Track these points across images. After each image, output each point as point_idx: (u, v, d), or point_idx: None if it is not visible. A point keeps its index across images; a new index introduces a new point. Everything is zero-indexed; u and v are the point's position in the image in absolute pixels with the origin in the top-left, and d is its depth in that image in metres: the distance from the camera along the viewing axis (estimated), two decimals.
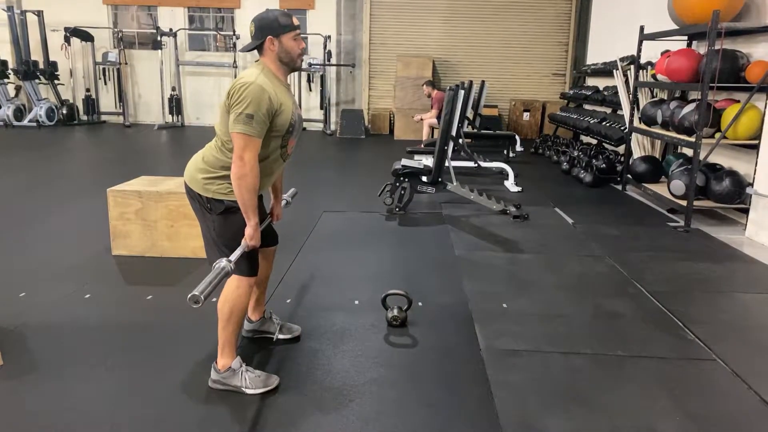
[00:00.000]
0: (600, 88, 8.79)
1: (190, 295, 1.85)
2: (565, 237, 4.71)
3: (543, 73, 11.60)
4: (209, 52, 12.09)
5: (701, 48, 5.79)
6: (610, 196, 6.42)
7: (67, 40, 11.25)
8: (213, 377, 2.35)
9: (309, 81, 11.67)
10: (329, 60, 11.29)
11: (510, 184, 6.56)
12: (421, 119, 8.95)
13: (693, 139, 4.99)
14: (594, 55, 10.21)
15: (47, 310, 3.06)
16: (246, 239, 2.21)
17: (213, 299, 2.33)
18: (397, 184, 5.29)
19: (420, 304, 3.24)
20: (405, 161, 5.43)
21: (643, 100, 6.55)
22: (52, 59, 11.36)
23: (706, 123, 4.92)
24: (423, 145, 7.68)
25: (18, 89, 11.51)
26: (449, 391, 2.39)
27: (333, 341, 2.79)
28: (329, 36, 11.23)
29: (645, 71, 6.61)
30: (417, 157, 6.60)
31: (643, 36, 6.32)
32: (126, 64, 11.89)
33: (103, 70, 11.80)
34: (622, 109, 7.26)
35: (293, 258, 3.96)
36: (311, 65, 11.22)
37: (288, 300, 3.27)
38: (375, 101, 11.81)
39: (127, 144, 9.63)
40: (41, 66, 11.28)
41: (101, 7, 11.81)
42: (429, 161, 5.97)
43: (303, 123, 2.66)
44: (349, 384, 2.42)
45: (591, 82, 9.93)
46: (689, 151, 5.26)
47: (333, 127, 11.57)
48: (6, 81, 11.11)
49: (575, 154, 7.64)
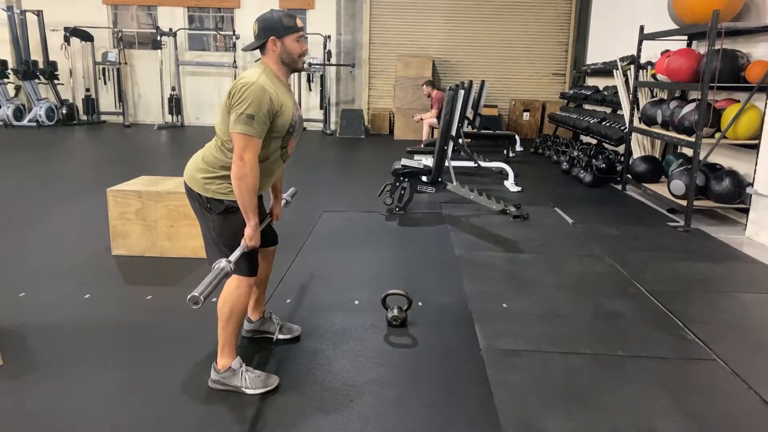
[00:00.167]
0: (600, 87, 8.79)
1: (189, 296, 1.86)
2: (565, 237, 4.71)
3: (543, 73, 11.60)
4: (209, 52, 12.09)
5: (701, 48, 5.79)
6: (610, 196, 6.42)
7: (67, 39, 11.24)
8: (213, 377, 2.35)
9: (309, 81, 11.66)
10: (329, 60, 11.29)
11: (510, 184, 6.56)
12: (421, 119, 8.95)
13: (693, 139, 4.99)
14: (594, 55, 10.21)
15: (47, 310, 3.06)
16: (246, 239, 2.21)
17: (213, 299, 2.33)
18: (397, 184, 5.29)
19: (420, 304, 3.24)
20: (405, 161, 5.43)
21: (643, 99, 6.55)
22: (51, 59, 11.36)
23: (706, 123, 4.92)
24: (423, 145, 7.69)
25: (18, 89, 11.50)
26: (449, 391, 2.38)
27: (333, 341, 2.79)
28: (329, 36, 11.23)
29: (645, 71, 6.61)
30: (417, 157, 6.60)
31: (643, 36, 6.32)
32: (126, 63, 11.89)
33: (103, 70, 11.79)
34: (621, 109, 7.25)
35: (293, 258, 3.96)
36: (311, 65, 11.21)
37: (288, 300, 3.27)
38: (375, 101, 11.81)
39: (127, 144, 9.63)
40: (41, 66, 11.28)
41: (101, 7, 11.81)
42: (429, 161, 5.97)
43: (303, 123, 2.66)
44: (349, 384, 2.42)
45: (591, 81, 9.93)
46: (689, 151, 5.26)
47: (333, 127, 11.57)
48: (6, 81, 11.10)
49: (575, 154, 7.64)
